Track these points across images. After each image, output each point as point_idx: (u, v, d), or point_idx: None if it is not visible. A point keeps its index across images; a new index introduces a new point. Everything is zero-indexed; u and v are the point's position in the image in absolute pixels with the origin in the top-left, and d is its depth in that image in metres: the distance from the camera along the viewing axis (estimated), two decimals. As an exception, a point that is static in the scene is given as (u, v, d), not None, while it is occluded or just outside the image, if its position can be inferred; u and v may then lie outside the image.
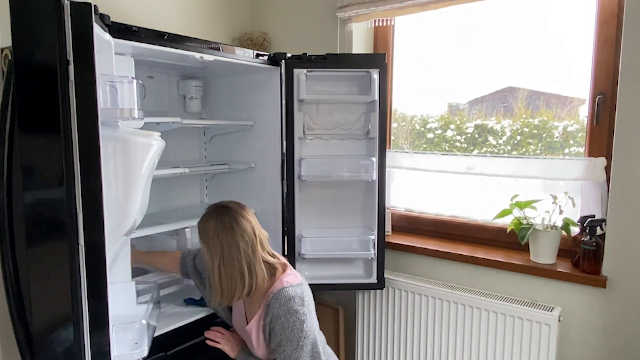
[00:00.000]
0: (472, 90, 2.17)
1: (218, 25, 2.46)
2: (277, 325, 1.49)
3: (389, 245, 2.17)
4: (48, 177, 1.08)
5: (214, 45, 1.74)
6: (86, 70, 1.07)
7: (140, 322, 1.35)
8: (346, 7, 2.20)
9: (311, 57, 1.95)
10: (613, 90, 1.70)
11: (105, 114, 1.18)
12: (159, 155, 1.42)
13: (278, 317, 1.48)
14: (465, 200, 2.14)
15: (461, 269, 2.04)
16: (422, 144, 2.32)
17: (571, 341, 1.81)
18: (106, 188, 1.14)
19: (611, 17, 1.73)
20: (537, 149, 1.99)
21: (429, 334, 2.01)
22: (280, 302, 1.48)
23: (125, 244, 1.50)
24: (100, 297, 1.14)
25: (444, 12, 2.11)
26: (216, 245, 1.47)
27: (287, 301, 1.48)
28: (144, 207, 1.43)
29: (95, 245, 1.12)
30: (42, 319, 1.10)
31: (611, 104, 1.72)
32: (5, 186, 1.36)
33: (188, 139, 2.28)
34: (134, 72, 1.60)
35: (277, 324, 1.49)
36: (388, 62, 2.07)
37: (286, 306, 1.48)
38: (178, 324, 1.67)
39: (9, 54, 1.51)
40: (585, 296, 1.76)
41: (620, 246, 1.67)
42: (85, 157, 1.09)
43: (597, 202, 1.77)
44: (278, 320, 1.48)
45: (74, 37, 1.06)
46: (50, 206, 1.08)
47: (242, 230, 1.47)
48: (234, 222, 1.48)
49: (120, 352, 1.27)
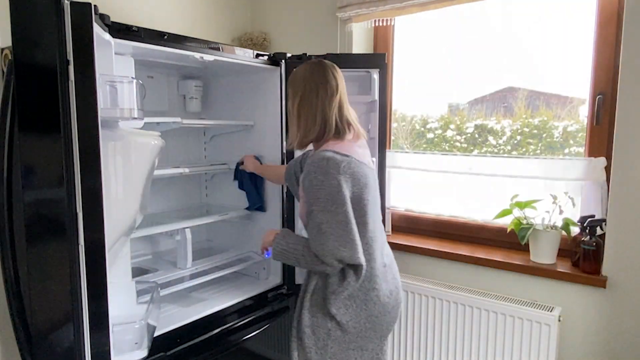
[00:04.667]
0: (472, 90, 2.17)
1: (218, 25, 2.46)
2: (307, 182, 1.42)
3: (389, 245, 2.16)
4: (48, 177, 1.08)
5: (214, 45, 1.74)
6: (86, 70, 1.08)
7: (140, 322, 1.35)
8: (346, 7, 2.20)
9: (311, 57, 1.95)
10: (613, 90, 1.70)
11: (105, 114, 1.19)
12: (159, 155, 1.43)
13: (309, 173, 1.41)
14: (466, 200, 2.14)
15: (461, 269, 2.04)
16: (422, 144, 2.32)
17: (571, 341, 1.81)
18: (106, 188, 1.14)
19: (611, 17, 1.73)
20: (537, 149, 1.99)
21: (429, 334, 2.01)
22: (314, 159, 1.42)
23: (125, 244, 1.50)
24: (100, 297, 1.14)
25: (444, 12, 2.11)
26: (299, 87, 1.52)
27: (321, 160, 1.41)
28: (144, 207, 1.44)
29: (95, 245, 1.12)
30: (42, 319, 1.10)
31: (611, 104, 1.72)
32: (5, 186, 1.36)
33: (188, 139, 2.28)
34: (134, 72, 1.60)
35: (307, 180, 1.42)
36: (388, 62, 2.07)
37: (319, 164, 1.40)
38: (178, 324, 1.67)
39: (9, 54, 1.51)
40: (585, 296, 1.76)
41: (620, 246, 1.67)
42: (85, 157, 1.09)
43: (597, 202, 1.77)
44: (308, 177, 1.41)
45: (74, 37, 1.06)
46: (50, 206, 1.08)
47: (326, 81, 1.50)
48: (322, 71, 1.51)
49: (120, 352, 1.27)
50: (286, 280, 2.08)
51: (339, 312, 1.45)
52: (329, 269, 1.40)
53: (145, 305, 1.48)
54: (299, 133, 1.53)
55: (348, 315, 1.46)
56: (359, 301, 1.46)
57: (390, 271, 1.57)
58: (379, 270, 1.50)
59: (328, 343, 1.47)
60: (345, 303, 1.46)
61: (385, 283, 1.52)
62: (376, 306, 1.49)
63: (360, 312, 1.47)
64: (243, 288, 1.97)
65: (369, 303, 1.47)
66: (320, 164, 1.40)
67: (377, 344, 1.55)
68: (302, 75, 1.53)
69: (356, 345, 1.49)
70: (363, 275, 1.45)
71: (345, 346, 1.48)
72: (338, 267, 1.41)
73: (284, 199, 2.02)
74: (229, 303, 1.85)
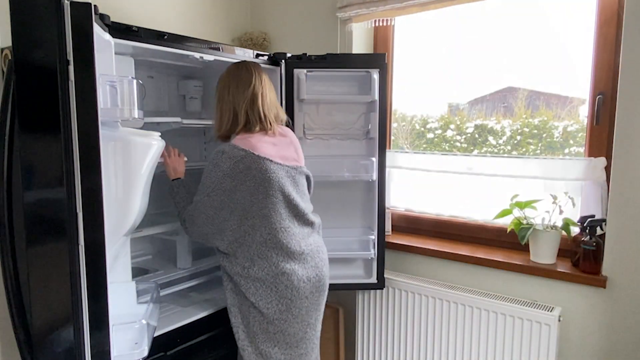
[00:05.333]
0: (472, 90, 2.17)
1: (218, 25, 2.46)
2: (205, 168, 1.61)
3: (389, 245, 2.17)
4: (48, 177, 1.08)
5: (214, 45, 1.74)
6: (86, 70, 1.08)
7: (140, 322, 1.35)
8: (346, 7, 2.20)
9: (311, 57, 1.95)
10: (613, 90, 1.70)
11: (105, 114, 1.19)
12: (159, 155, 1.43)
13: (208, 161, 1.61)
14: (466, 200, 2.14)
15: (461, 269, 2.04)
16: (422, 144, 2.32)
17: (571, 341, 1.81)
18: (106, 188, 1.14)
19: (611, 17, 1.73)
20: (537, 149, 1.99)
21: (429, 334, 2.01)
22: (214, 151, 1.60)
23: (125, 244, 1.50)
24: (100, 297, 1.14)
25: (444, 12, 2.11)
26: (218, 86, 1.68)
27: (217, 152, 1.58)
28: (144, 207, 1.44)
29: (95, 245, 1.12)
30: (42, 319, 1.10)
31: (611, 104, 1.72)
32: (5, 186, 1.36)
33: (188, 139, 2.27)
34: (134, 72, 1.60)
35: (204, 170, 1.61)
36: (388, 62, 2.07)
37: (215, 155, 1.58)
38: (178, 324, 1.67)
39: (9, 54, 1.51)
40: (585, 296, 1.76)
41: (620, 246, 1.67)
42: (85, 157, 1.09)
43: (597, 202, 1.77)
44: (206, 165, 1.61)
45: (74, 37, 1.06)
46: (50, 206, 1.08)
47: (239, 77, 1.64)
48: (236, 70, 1.66)
49: (120, 352, 1.27)
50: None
51: (249, 292, 1.59)
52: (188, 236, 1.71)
53: (145, 305, 1.48)
54: (215, 126, 1.70)
55: (258, 295, 1.59)
56: (268, 283, 1.59)
57: (311, 259, 1.68)
58: (292, 257, 1.62)
59: (250, 321, 1.60)
60: (255, 284, 1.59)
61: (303, 269, 1.64)
62: (288, 289, 1.60)
63: (270, 293, 1.59)
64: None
65: (280, 286, 1.59)
66: (215, 156, 1.58)
67: (303, 331, 1.65)
68: (222, 76, 1.69)
69: (277, 329, 1.61)
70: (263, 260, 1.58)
71: (265, 327, 1.60)
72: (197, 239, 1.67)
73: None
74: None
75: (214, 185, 1.56)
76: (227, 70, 1.68)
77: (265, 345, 1.60)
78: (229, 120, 1.64)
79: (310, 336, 1.69)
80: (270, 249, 1.59)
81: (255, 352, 1.61)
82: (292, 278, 1.60)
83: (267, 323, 1.60)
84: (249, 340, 1.61)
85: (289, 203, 1.63)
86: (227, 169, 1.55)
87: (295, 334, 1.64)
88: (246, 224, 1.58)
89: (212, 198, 1.57)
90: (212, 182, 1.57)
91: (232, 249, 1.60)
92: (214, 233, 1.61)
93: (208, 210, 1.58)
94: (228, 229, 1.59)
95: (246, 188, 1.56)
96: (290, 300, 1.61)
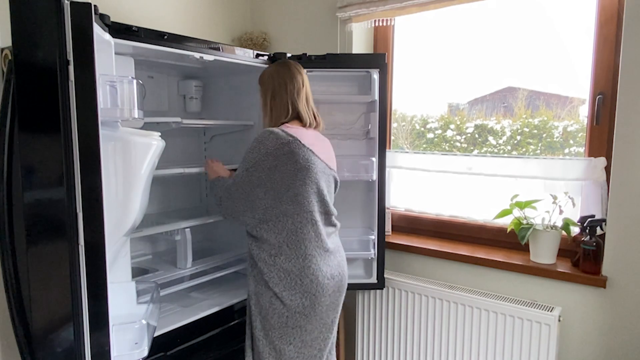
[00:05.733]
0: (472, 90, 2.17)
1: (218, 25, 2.46)
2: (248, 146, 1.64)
3: (389, 245, 2.17)
4: (48, 177, 1.08)
5: (214, 45, 1.74)
6: (86, 70, 1.08)
7: (140, 322, 1.34)
8: (346, 7, 2.20)
9: (311, 57, 1.95)
10: (613, 90, 1.70)
11: (105, 114, 1.18)
12: (159, 155, 1.43)
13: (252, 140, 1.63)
14: (466, 200, 2.14)
15: (461, 269, 2.04)
16: (422, 144, 2.32)
17: (571, 341, 1.81)
18: (106, 188, 1.14)
19: (611, 17, 1.73)
20: (537, 149, 1.99)
21: (429, 334, 2.01)
22: (261, 131, 1.64)
23: (125, 244, 1.50)
24: (100, 297, 1.14)
25: (444, 12, 2.11)
26: (269, 83, 1.72)
27: (265, 132, 1.62)
28: (144, 207, 1.44)
29: (95, 245, 1.12)
30: (42, 319, 1.10)
31: (611, 104, 1.72)
32: (5, 186, 1.36)
33: (188, 139, 2.27)
34: (134, 72, 1.60)
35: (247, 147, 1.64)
36: (388, 62, 2.07)
37: (262, 134, 1.61)
38: (178, 324, 1.67)
39: (9, 54, 1.51)
40: (585, 296, 1.76)
41: (620, 246, 1.67)
42: (85, 157, 1.09)
43: (597, 202, 1.77)
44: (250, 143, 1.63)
45: (74, 37, 1.06)
46: (50, 206, 1.08)
47: (292, 76, 1.70)
48: (287, 69, 1.72)
49: (120, 352, 1.26)
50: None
51: (272, 281, 1.59)
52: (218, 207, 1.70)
53: (145, 305, 1.48)
54: (268, 122, 1.73)
55: (282, 286, 1.59)
56: (294, 275, 1.59)
57: (334, 258, 1.70)
58: (318, 252, 1.63)
59: (269, 312, 1.60)
60: (280, 274, 1.59)
61: (327, 267, 1.65)
62: (313, 284, 1.60)
63: (295, 286, 1.59)
64: (243, 288, 1.97)
65: (305, 279, 1.59)
66: (263, 134, 1.61)
67: (319, 330, 1.65)
68: (270, 74, 1.73)
69: (296, 324, 1.60)
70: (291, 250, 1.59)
71: (284, 321, 1.59)
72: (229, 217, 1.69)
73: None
74: (229, 303, 1.85)
75: (255, 162, 1.58)
76: (275, 68, 1.74)
77: (280, 341, 1.60)
78: (288, 114, 1.68)
79: (325, 337, 1.68)
80: (300, 239, 1.60)
81: (269, 345, 1.61)
82: (317, 274, 1.61)
83: (287, 317, 1.59)
84: (264, 333, 1.62)
85: (321, 198, 1.66)
86: (272, 148, 1.57)
87: (311, 332, 1.63)
88: (279, 208, 1.59)
89: (250, 173, 1.58)
90: (253, 157, 1.59)
91: (260, 232, 1.61)
92: (245, 210, 1.62)
93: (245, 186, 1.60)
94: (260, 207, 1.60)
95: (286, 170, 1.57)
96: (315, 296, 1.60)
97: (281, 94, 1.69)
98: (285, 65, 1.74)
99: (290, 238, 1.60)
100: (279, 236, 1.60)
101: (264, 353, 1.62)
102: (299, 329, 1.61)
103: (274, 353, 1.61)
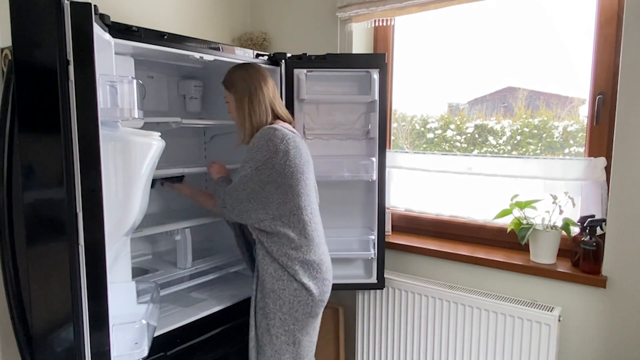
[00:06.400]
0: (472, 90, 2.17)
1: (218, 25, 2.46)
2: (250, 146, 1.61)
3: (389, 245, 2.17)
4: (48, 177, 1.08)
5: (214, 45, 1.74)
6: (86, 70, 1.08)
7: (140, 322, 1.34)
8: (346, 7, 2.20)
9: (311, 57, 1.95)
10: (613, 90, 1.70)
11: (105, 114, 1.18)
12: (159, 155, 1.43)
13: (254, 139, 1.61)
14: (465, 200, 2.14)
15: (461, 269, 2.04)
16: (422, 144, 2.32)
17: (571, 341, 1.81)
18: (106, 188, 1.14)
19: (611, 17, 1.73)
20: (537, 149, 1.99)
21: (429, 334, 2.01)
22: (262, 130, 1.61)
23: (125, 244, 1.50)
24: (100, 297, 1.14)
25: (444, 12, 2.11)
26: (244, 87, 1.68)
27: (268, 129, 1.60)
28: (144, 207, 1.44)
29: (95, 245, 1.12)
30: (42, 319, 1.10)
31: (611, 104, 1.72)
32: (5, 186, 1.36)
33: (188, 139, 2.27)
34: (134, 72, 1.60)
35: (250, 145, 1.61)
36: (388, 62, 2.07)
37: (266, 131, 1.59)
38: (178, 324, 1.67)
39: (9, 54, 1.51)
40: (585, 296, 1.76)
41: (620, 246, 1.67)
42: (85, 157, 1.09)
43: (597, 202, 1.77)
44: (252, 143, 1.61)
45: (74, 37, 1.06)
46: (50, 206, 1.08)
47: (265, 77, 1.70)
48: (257, 71, 1.71)
49: (120, 352, 1.27)
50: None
51: (298, 273, 1.60)
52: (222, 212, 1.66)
53: (145, 305, 1.48)
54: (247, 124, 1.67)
55: (307, 276, 1.62)
56: (315, 265, 1.64)
57: (326, 248, 1.76)
58: (323, 241, 1.72)
59: (294, 305, 1.60)
60: (304, 267, 1.62)
61: (327, 256, 1.73)
62: (328, 271, 1.70)
63: (317, 275, 1.64)
64: (243, 288, 1.97)
65: (323, 266, 1.66)
66: (267, 132, 1.59)
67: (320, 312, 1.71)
68: (241, 76, 1.69)
69: (316, 312, 1.66)
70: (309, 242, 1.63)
71: (309, 311, 1.62)
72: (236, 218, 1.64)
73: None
74: (229, 303, 1.85)
75: (265, 159, 1.57)
76: (246, 69, 1.71)
77: (301, 333, 1.63)
78: (267, 114, 1.68)
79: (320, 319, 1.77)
80: (313, 229, 1.65)
81: (289, 340, 1.62)
82: (327, 261, 1.71)
83: (311, 306, 1.63)
84: (284, 329, 1.61)
85: (316, 190, 1.75)
86: (280, 144, 1.58)
87: (318, 316, 1.71)
88: (292, 202, 1.60)
89: (260, 171, 1.57)
90: (263, 155, 1.57)
91: (276, 228, 1.60)
92: (256, 209, 1.60)
93: (254, 185, 1.58)
94: (273, 202, 1.59)
95: (295, 165, 1.59)
96: (329, 281, 1.70)
97: (259, 96, 1.67)
98: (252, 67, 1.73)
99: (305, 230, 1.63)
100: (295, 229, 1.61)
101: (281, 350, 1.62)
102: (316, 317, 1.68)
103: (291, 347, 1.62)
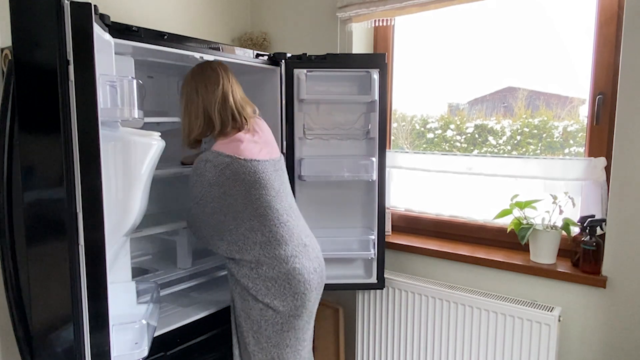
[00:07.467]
0: (472, 90, 2.17)
1: (218, 25, 2.46)
2: (189, 181, 1.60)
3: (389, 245, 2.17)
4: (48, 177, 1.08)
5: (214, 45, 1.74)
6: (86, 70, 1.08)
7: (140, 322, 1.35)
8: (346, 7, 2.20)
9: (311, 57, 1.95)
10: (613, 90, 1.70)
11: (105, 114, 1.19)
12: (159, 155, 1.43)
13: (191, 172, 1.59)
14: (465, 200, 2.14)
15: (461, 269, 2.04)
16: (422, 144, 2.32)
17: (571, 341, 1.81)
18: (106, 188, 1.14)
19: (611, 17, 1.73)
20: (537, 149, 1.99)
21: (429, 334, 2.01)
22: (196, 160, 1.57)
23: (125, 244, 1.50)
24: (100, 297, 1.14)
25: (444, 12, 2.11)
26: (184, 89, 1.64)
27: (199, 161, 1.55)
28: (144, 207, 1.44)
29: (95, 245, 1.12)
30: (42, 319, 1.10)
31: (611, 104, 1.72)
32: (5, 186, 1.36)
33: (188, 139, 2.27)
34: (134, 72, 1.59)
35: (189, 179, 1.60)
36: (388, 62, 2.07)
37: (198, 165, 1.55)
38: (178, 324, 1.67)
39: (9, 54, 1.51)
40: (585, 296, 1.76)
41: (620, 246, 1.67)
42: (85, 157, 1.09)
43: (597, 202, 1.77)
44: (190, 177, 1.59)
45: (74, 37, 1.06)
46: (50, 206, 1.08)
47: (206, 78, 1.60)
48: (201, 70, 1.62)
49: (120, 352, 1.27)
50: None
51: (260, 293, 1.55)
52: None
53: (145, 305, 1.48)
54: (185, 132, 1.65)
55: (271, 295, 1.55)
56: (281, 281, 1.55)
57: (312, 250, 1.67)
58: (298, 250, 1.60)
59: (262, 325, 1.57)
60: (267, 284, 1.56)
61: (309, 261, 1.63)
62: (301, 283, 1.58)
63: (284, 291, 1.56)
64: (243, 288, 1.97)
65: (293, 281, 1.56)
66: (199, 165, 1.55)
67: (306, 322, 1.65)
68: (186, 77, 1.64)
69: (290, 326, 1.59)
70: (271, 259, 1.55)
71: (279, 328, 1.57)
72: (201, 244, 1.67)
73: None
74: (229, 303, 1.85)
75: (201, 195, 1.55)
76: (191, 72, 1.64)
77: (277, 348, 1.58)
78: (202, 123, 1.59)
79: (311, 326, 1.72)
80: (275, 246, 1.56)
81: (267, 357, 1.59)
82: (303, 272, 1.58)
83: (281, 323, 1.57)
84: (259, 347, 1.59)
85: (282, 197, 1.62)
86: (213, 178, 1.53)
87: (302, 327, 1.64)
88: (243, 226, 1.55)
89: (201, 205, 1.56)
90: (198, 191, 1.55)
91: (234, 252, 1.57)
92: (212, 235, 1.60)
93: (201, 216, 1.59)
94: (225, 229, 1.56)
95: (237, 192, 1.53)
96: (304, 294, 1.59)
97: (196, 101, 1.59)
98: (200, 67, 1.63)
99: (264, 249, 1.55)
100: (252, 252, 1.55)
101: None
102: (294, 330, 1.61)
103: None
